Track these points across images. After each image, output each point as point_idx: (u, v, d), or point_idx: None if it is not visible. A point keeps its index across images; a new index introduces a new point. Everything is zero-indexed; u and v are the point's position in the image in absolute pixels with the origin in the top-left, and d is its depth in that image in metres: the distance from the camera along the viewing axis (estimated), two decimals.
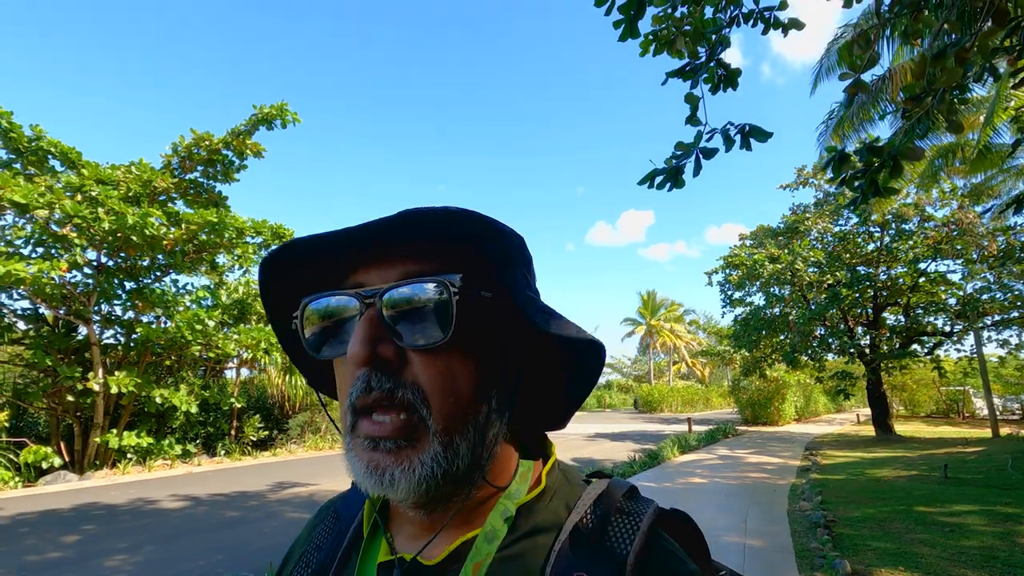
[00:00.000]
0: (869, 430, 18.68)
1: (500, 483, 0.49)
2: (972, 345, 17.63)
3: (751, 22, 3.98)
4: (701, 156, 3.52)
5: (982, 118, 10.58)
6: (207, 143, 10.29)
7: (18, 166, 9.74)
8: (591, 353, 0.50)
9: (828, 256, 17.48)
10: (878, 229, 17.32)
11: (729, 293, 20.11)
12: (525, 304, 0.44)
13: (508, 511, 0.47)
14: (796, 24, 3.87)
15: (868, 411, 18.94)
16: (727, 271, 19.96)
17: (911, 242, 16.21)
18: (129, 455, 11.19)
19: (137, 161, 10.25)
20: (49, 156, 9.72)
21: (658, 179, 3.73)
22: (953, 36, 3.22)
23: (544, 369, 0.53)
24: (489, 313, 0.45)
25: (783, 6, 3.82)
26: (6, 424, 9.91)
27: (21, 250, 9.37)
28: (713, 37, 3.97)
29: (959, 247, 15.28)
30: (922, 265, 16.40)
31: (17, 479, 9.42)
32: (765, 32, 3.97)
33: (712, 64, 3.98)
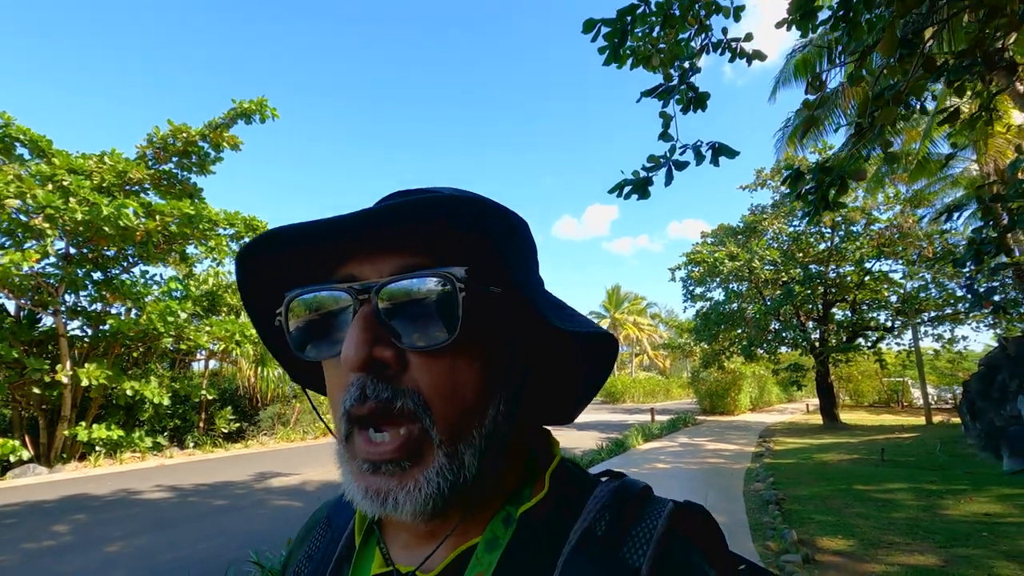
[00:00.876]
0: (817, 419, 19.93)
1: (504, 487, 0.46)
2: (911, 339, 19.06)
3: (720, 50, 4.45)
4: (673, 168, 4.00)
5: (922, 129, 11.53)
6: (184, 135, 10.23)
7: None
8: (604, 346, 0.47)
9: (783, 255, 18.51)
10: (829, 230, 18.44)
11: (691, 288, 21.02)
12: (536, 298, 0.41)
13: (511, 517, 0.44)
14: (759, 55, 4.34)
15: (817, 401, 20.20)
16: (689, 268, 20.85)
17: (858, 243, 17.35)
18: (98, 448, 11.08)
19: (109, 151, 10.11)
20: (17, 144, 9.50)
21: (627, 189, 4.18)
22: (892, 80, 3.74)
23: (554, 365, 0.49)
24: (497, 309, 0.42)
25: (748, 38, 4.31)
26: None
27: None
28: (686, 64, 4.44)
29: (900, 248, 16.50)
30: (867, 264, 17.57)
31: None
32: (732, 60, 4.44)
33: (683, 87, 4.44)
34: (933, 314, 18.09)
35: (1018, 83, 6.54)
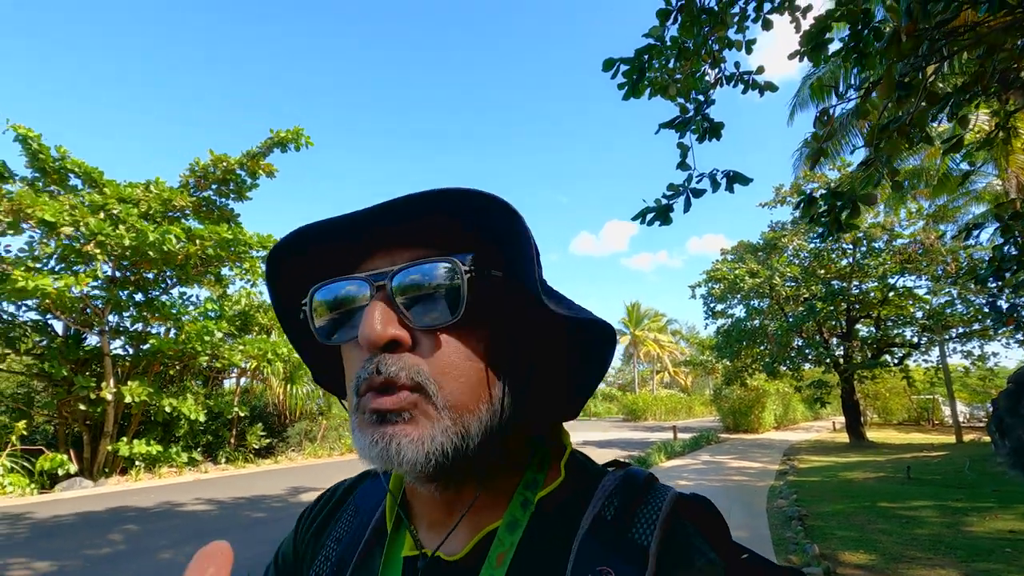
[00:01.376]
0: (844, 437, 19.64)
1: (515, 471, 0.49)
2: (938, 356, 18.76)
3: (733, 83, 4.73)
4: (691, 195, 4.26)
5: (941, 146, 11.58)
6: (223, 164, 10.84)
7: (40, 184, 10.16)
8: (601, 335, 0.50)
9: (804, 271, 18.49)
10: (850, 246, 18.38)
11: (712, 305, 21.03)
12: (536, 285, 0.43)
13: (529, 501, 0.47)
14: (771, 87, 4.61)
15: (843, 419, 19.92)
16: (710, 285, 20.89)
17: (880, 259, 17.27)
18: (137, 462, 11.54)
19: (154, 180, 10.74)
20: (71, 175, 10.18)
21: (649, 216, 4.44)
22: (899, 113, 3.98)
23: (555, 353, 0.52)
24: (500, 294, 0.45)
25: (760, 71, 4.58)
26: (24, 433, 10.24)
27: (45, 265, 9.78)
28: (700, 97, 4.73)
29: (924, 264, 16.38)
30: (891, 280, 17.45)
31: (32, 486, 9.76)
32: (744, 92, 4.70)
33: (699, 118, 4.73)
34: (961, 330, 17.83)
35: None
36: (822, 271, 18.49)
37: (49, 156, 9.73)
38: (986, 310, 15.51)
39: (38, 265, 9.60)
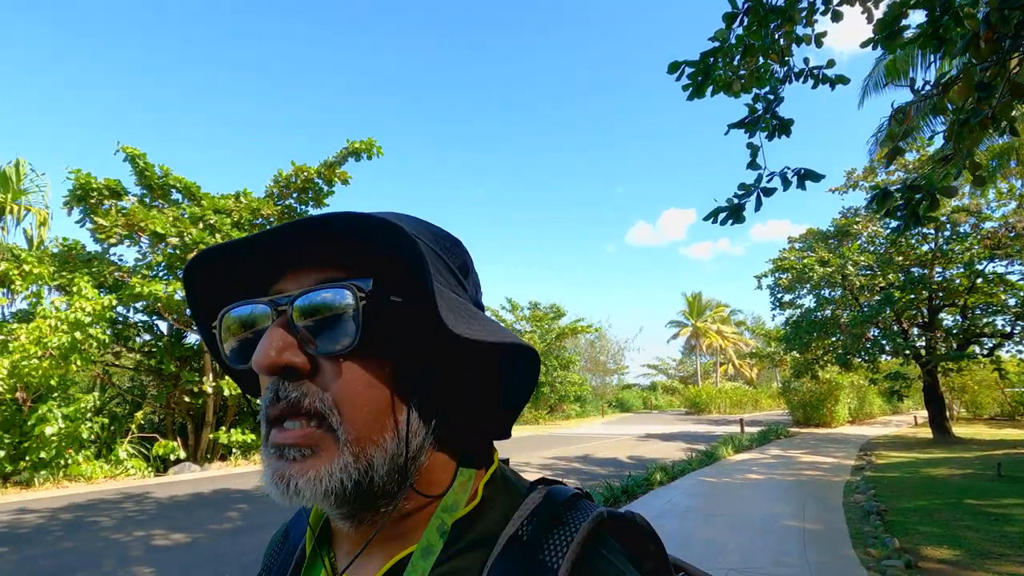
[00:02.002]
0: (926, 432, 18.63)
1: (434, 493, 0.47)
2: None
3: (803, 79, 4.78)
4: (762, 194, 4.38)
5: None
6: (304, 174, 11.67)
7: (147, 199, 11.33)
8: (525, 358, 0.49)
9: (879, 259, 17.63)
10: (932, 231, 17.35)
11: (779, 296, 20.41)
12: (440, 307, 0.41)
13: (444, 525, 0.45)
14: (842, 79, 4.63)
15: (926, 413, 18.87)
16: (776, 274, 20.26)
17: (967, 243, 16.23)
18: (234, 450, 12.68)
19: (242, 191, 11.72)
20: (173, 190, 11.28)
21: (722, 215, 4.56)
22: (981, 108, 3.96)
23: (477, 375, 0.50)
24: (404, 318, 0.44)
25: (830, 65, 4.61)
26: (142, 422, 11.50)
27: (156, 273, 10.94)
28: (770, 96, 4.81)
29: (1018, 249, 15.26)
30: (979, 266, 16.37)
31: (149, 469, 10.97)
32: (815, 87, 4.73)
33: (768, 116, 4.81)
34: None
35: None
36: (900, 258, 17.57)
37: (154, 174, 10.84)
38: None
39: (150, 273, 10.73)
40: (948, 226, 16.81)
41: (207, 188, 11.58)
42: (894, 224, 4.48)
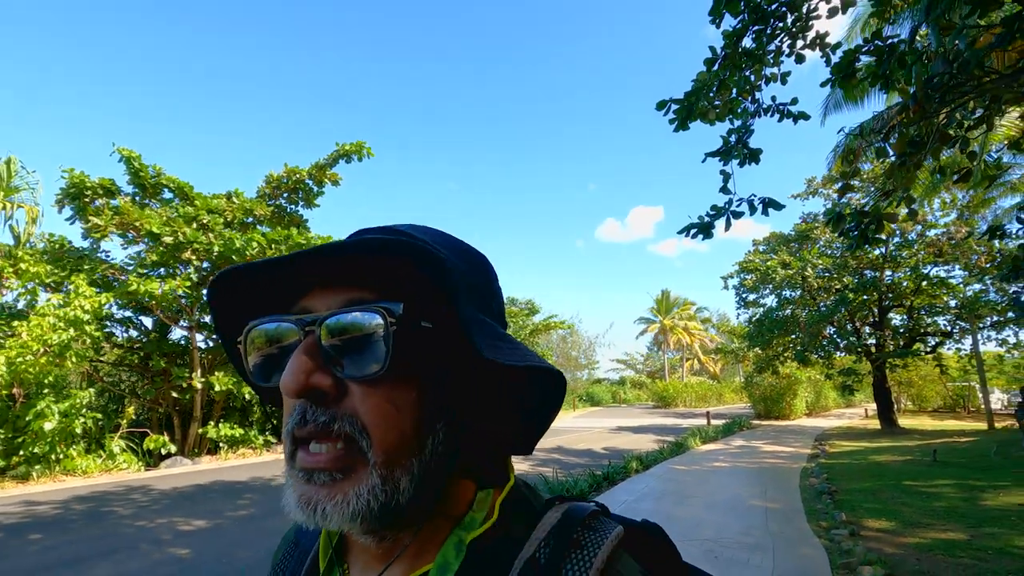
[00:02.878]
0: (875, 423, 20.08)
1: (455, 513, 0.47)
2: (972, 344, 19.01)
3: (770, 114, 5.51)
4: (732, 216, 5.09)
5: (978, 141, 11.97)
6: (296, 175, 11.97)
7: (139, 198, 11.45)
8: (552, 381, 0.49)
9: (835, 263, 18.89)
10: (883, 237, 18.68)
11: (744, 296, 21.59)
12: (473, 332, 0.41)
13: (461, 543, 0.45)
14: (804, 115, 5.38)
15: (875, 406, 20.33)
16: (742, 275, 21.43)
17: (913, 249, 17.59)
18: (221, 444, 12.91)
19: (234, 191, 11.94)
20: (166, 189, 11.43)
21: (693, 231, 5.29)
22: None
23: (503, 397, 0.51)
24: (433, 343, 0.44)
25: (794, 102, 5.35)
26: (133, 417, 11.65)
27: (151, 271, 11.10)
28: (740, 127, 5.53)
29: (956, 255, 16.66)
30: (924, 270, 17.75)
31: (140, 463, 11.16)
32: (780, 120, 5.48)
33: (740, 146, 5.53)
34: (995, 319, 18.04)
35: None
36: (854, 262, 18.86)
37: (147, 174, 10.98)
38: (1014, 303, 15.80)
39: (145, 271, 10.90)
40: (897, 232, 18.15)
41: (198, 188, 11.76)
42: (847, 243, 5.30)
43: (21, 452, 9.65)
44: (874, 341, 19.09)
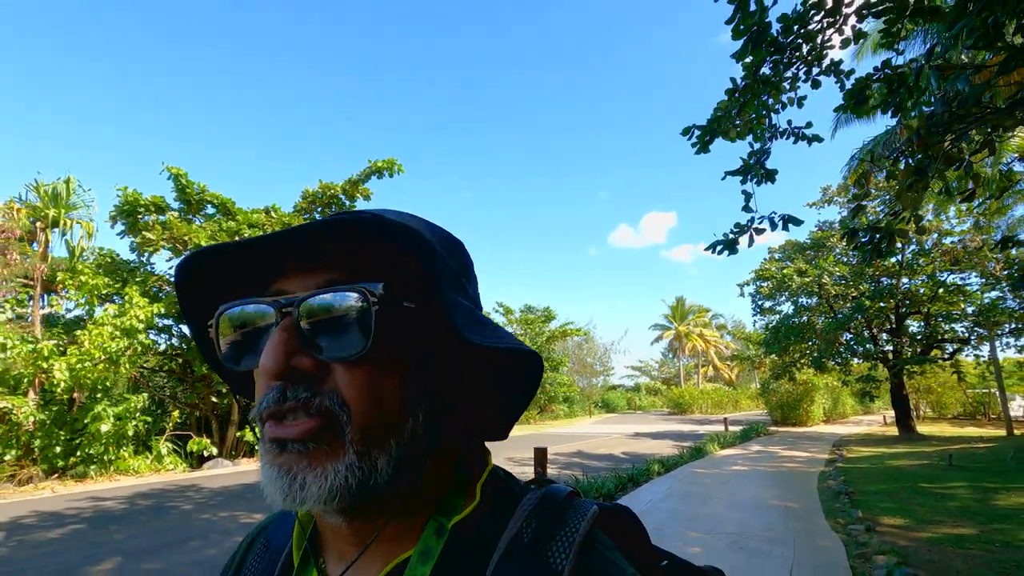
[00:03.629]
0: (894, 430, 20.16)
1: (433, 497, 0.47)
2: (989, 351, 19.09)
3: (786, 136, 5.95)
4: (754, 233, 5.53)
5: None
6: (330, 191, 12.60)
7: (183, 213, 12.15)
8: (529, 363, 0.50)
9: (852, 270, 19.10)
10: (899, 244, 18.88)
11: (760, 303, 21.85)
12: (454, 314, 0.42)
13: (443, 527, 0.45)
14: (817, 138, 5.80)
15: (893, 413, 20.44)
16: (758, 283, 21.70)
17: (930, 257, 17.79)
18: (257, 446, 13.50)
19: (271, 206, 12.60)
20: (209, 205, 12.12)
21: (719, 247, 5.73)
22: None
23: (481, 380, 0.51)
24: (414, 323, 0.44)
25: (808, 126, 5.78)
26: (179, 421, 12.30)
27: None
28: (759, 150, 5.97)
29: (973, 262, 16.84)
30: (940, 276, 17.92)
31: (184, 464, 11.78)
32: (795, 143, 5.92)
33: (757, 166, 5.97)
34: (1013, 326, 18.13)
35: None
36: (871, 270, 19.06)
37: (193, 191, 11.67)
38: None
39: None
40: (914, 241, 18.35)
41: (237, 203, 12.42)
42: (861, 257, 5.71)
43: (78, 452, 10.32)
44: (891, 348, 19.25)
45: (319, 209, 13.13)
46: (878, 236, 5.55)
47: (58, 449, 9.97)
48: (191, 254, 0.46)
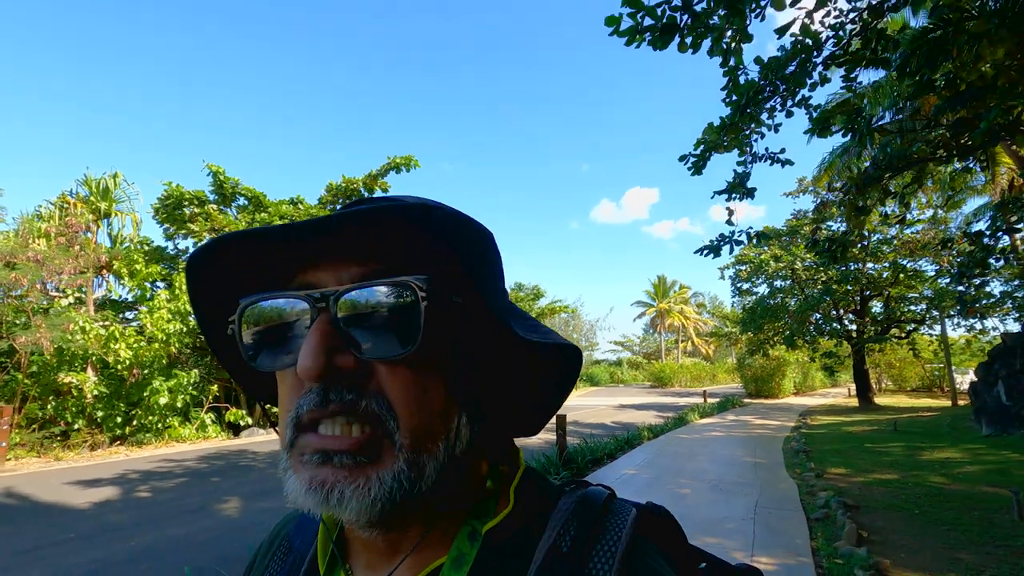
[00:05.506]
0: (856, 402, 22.27)
1: (467, 501, 0.45)
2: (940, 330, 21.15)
3: (763, 160, 7.34)
4: (734, 244, 6.96)
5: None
6: (352, 185, 13.70)
7: (218, 206, 13.18)
8: (570, 359, 0.48)
9: (821, 258, 20.79)
10: (866, 232, 20.63)
11: (739, 285, 23.60)
12: (501, 310, 0.41)
13: (476, 533, 0.43)
14: (789, 162, 7.18)
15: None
16: (737, 267, 23.40)
17: (892, 245, 19.58)
18: None
19: (297, 197, 13.68)
20: (241, 197, 13.16)
21: (705, 252, 7.13)
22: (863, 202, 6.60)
23: (518, 376, 0.49)
24: (460, 318, 0.42)
25: (782, 151, 7.17)
26: (217, 394, 13.52)
27: None
28: (741, 171, 7.36)
29: (931, 252, 18.68)
30: (901, 262, 19.75)
31: (226, 433, 13.08)
32: (771, 165, 7.30)
33: (740, 186, 7.36)
34: (958, 309, 20.11)
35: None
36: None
37: (229, 186, 12.69)
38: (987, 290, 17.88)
39: None
40: (878, 230, 20.09)
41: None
42: (822, 260, 7.17)
43: (134, 422, 11.55)
44: (855, 327, 21.18)
45: (341, 201, 14.23)
46: (834, 247, 7.07)
47: (119, 419, 11.18)
48: (211, 241, 0.41)
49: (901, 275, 20.20)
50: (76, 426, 10.76)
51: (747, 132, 7.30)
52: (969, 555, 4.14)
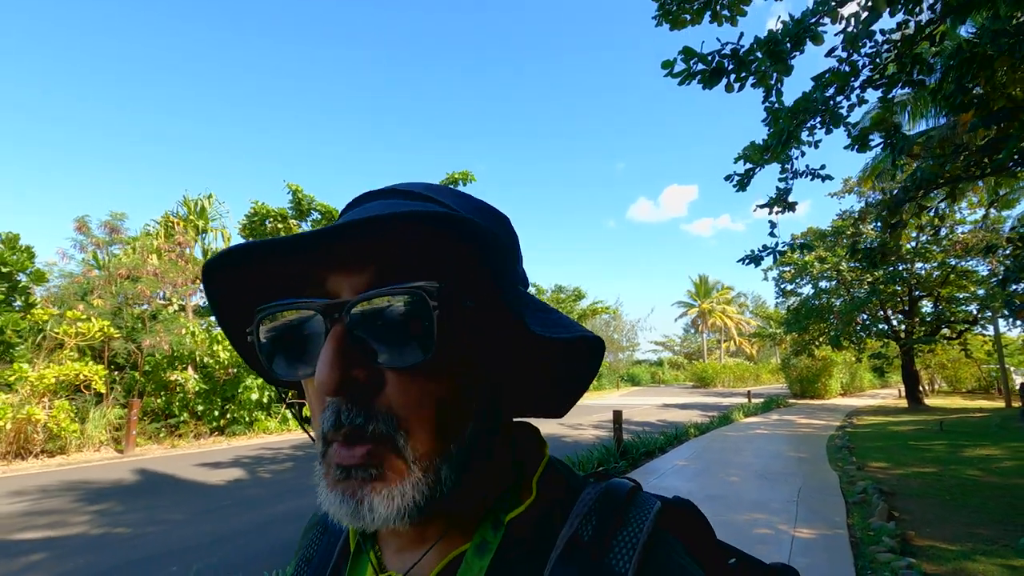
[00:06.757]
0: (905, 403, 22.12)
1: (490, 490, 0.46)
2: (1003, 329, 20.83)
3: (803, 176, 7.98)
4: (777, 254, 7.65)
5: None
6: None
7: (294, 220, 14.55)
8: (591, 349, 0.48)
9: None
10: (914, 232, 20.54)
11: (783, 286, 23.77)
12: (519, 308, 0.41)
13: (499, 521, 0.45)
14: (829, 177, 7.80)
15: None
16: (781, 268, 23.56)
17: (942, 245, 19.47)
18: None
19: None
20: (315, 212, 14.49)
21: (747, 261, 7.83)
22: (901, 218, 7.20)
23: (540, 367, 0.50)
24: (474, 322, 0.42)
25: (822, 168, 7.79)
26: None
27: None
28: (783, 186, 8.02)
29: (980, 252, 18.51)
30: (951, 262, 19.59)
31: (282, 427, 14.46)
32: (812, 180, 7.95)
33: (781, 200, 8.02)
34: (1005, 312, 19.77)
35: None
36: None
37: (305, 202, 14.03)
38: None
39: None
40: (928, 229, 19.98)
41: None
42: (862, 264, 7.82)
43: (227, 415, 12.99)
44: (904, 328, 21.08)
45: None
46: (874, 252, 7.69)
47: (216, 413, 12.63)
48: (213, 258, 0.42)
49: (951, 275, 20.03)
50: (182, 418, 12.25)
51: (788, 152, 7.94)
52: (987, 530, 4.80)
